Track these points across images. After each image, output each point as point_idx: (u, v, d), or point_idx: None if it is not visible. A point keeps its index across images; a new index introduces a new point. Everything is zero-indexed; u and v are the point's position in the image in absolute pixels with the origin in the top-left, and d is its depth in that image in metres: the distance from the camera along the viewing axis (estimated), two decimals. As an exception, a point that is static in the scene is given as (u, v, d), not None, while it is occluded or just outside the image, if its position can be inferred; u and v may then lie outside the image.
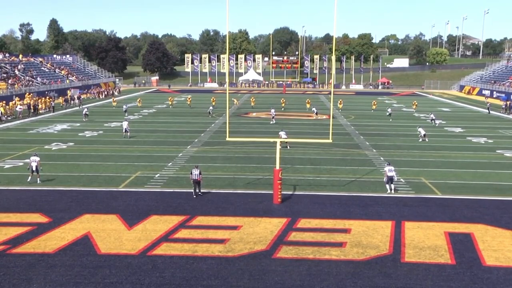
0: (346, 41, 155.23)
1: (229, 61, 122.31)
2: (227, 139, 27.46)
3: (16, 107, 59.56)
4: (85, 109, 58.37)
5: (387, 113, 60.03)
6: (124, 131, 43.91)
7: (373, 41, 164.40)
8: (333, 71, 37.81)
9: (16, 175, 29.66)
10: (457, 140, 44.57)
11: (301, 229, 20.85)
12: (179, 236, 19.88)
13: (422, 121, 57.31)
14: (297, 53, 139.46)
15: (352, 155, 36.71)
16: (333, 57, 30.58)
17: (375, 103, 70.33)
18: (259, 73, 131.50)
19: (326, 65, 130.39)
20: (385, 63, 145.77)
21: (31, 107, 61.33)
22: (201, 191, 25.82)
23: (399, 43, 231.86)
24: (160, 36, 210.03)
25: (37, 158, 28.02)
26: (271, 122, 52.06)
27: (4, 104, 58.87)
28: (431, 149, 39.69)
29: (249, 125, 52.15)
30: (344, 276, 16.45)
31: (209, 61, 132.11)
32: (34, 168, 27.65)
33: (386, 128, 51.34)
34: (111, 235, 19.85)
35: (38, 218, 21.88)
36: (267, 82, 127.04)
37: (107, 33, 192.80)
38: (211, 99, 72.58)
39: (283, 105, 69.61)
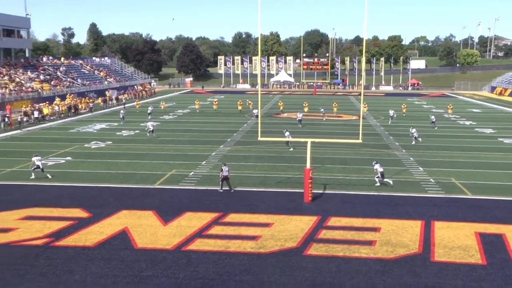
0: (376, 43, 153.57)
1: (261, 63, 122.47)
2: (259, 138, 27.53)
3: (55, 107, 60.66)
4: (122, 110, 58.89)
5: (390, 116, 57.23)
6: (150, 131, 43.98)
7: (403, 42, 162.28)
8: (363, 73, 37.56)
9: (59, 172, 30.26)
10: (488, 141, 43.76)
11: (331, 227, 20.78)
12: (213, 232, 20.03)
13: (452, 122, 56.54)
14: (327, 55, 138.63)
15: (382, 155, 36.37)
16: (363, 59, 30.37)
17: (405, 105, 68.97)
18: (290, 75, 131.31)
19: (356, 66, 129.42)
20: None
21: (72, 107, 62.48)
22: (234, 189, 26.01)
23: (429, 44, 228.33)
24: (194, 38, 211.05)
25: (39, 157, 29.15)
26: (300, 126, 51.51)
27: (47, 105, 60.26)
28: (461, 149, 39.08)
29: (280, 125, 52.07)
30: (373, 274, 16.34)
31: (241, 63, 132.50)
32: (41, 166, 28.72)
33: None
34: (147, 230, 20.12)
35: (79, 213, 22.32)
36: (298, 83, 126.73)
37: (143, 36, 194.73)
38: (238, 103, 69.57)
39: (305, 109, 65.78)
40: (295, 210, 22.93)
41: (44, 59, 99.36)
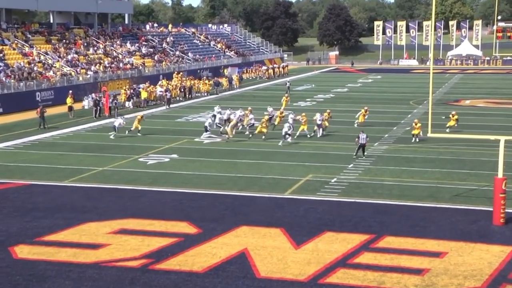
0: None
1: (435, 30, 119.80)
2: (429, 134, 27.04)
3: (157, 90, 62.31)
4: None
5: None
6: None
7: None
8: None
9: (162, 173, 31.63)
10: None
11: (533, 262, 19.78)
12: (361, 261, 19.83)
13: None
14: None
15: None
16: None
17: None
18: (476, 46, 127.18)
19: None
20: None
21: (185, 90, 64.80)
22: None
23: None
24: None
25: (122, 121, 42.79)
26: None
27: (149, 87, 61.73)
28: None
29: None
30: None
31: (407, 31, 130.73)
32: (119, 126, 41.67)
33: None
34: (274, 254, 20.35)
35: (185, 228, 23.12)
36: (487, 58, 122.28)
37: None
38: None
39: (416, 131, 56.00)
40: (480, 236, 22.13)
41: (148, 27, 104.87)
